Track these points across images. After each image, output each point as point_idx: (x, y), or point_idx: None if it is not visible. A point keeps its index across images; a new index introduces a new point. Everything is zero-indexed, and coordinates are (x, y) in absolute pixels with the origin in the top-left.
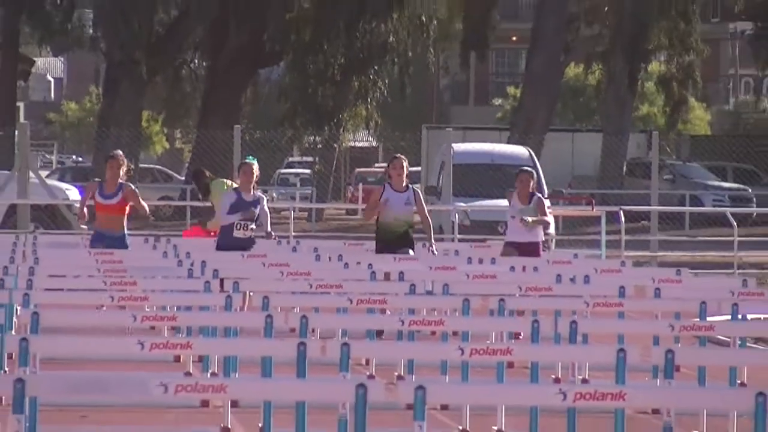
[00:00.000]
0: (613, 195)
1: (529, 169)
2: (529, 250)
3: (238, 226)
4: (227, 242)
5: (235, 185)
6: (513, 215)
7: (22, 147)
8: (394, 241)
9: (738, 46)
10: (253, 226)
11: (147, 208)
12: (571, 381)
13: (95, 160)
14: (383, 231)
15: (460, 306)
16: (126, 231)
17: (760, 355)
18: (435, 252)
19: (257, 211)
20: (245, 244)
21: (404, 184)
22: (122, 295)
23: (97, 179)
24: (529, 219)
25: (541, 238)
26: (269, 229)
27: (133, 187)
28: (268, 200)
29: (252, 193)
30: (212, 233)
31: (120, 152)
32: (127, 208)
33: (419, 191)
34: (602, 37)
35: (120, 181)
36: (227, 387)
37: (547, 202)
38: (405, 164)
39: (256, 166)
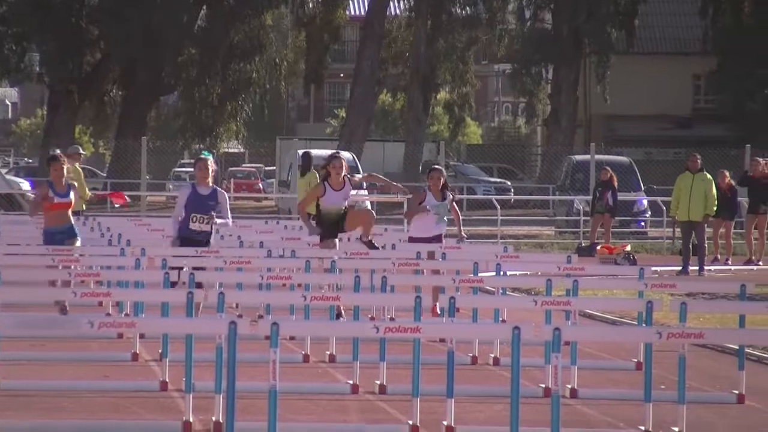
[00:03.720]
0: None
1: (440, 167)
2: (436, 239)
3: (194, 219)
4: (185, 234)
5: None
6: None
7: None
8: (332, 225)
9: (500, 80)
10: (211, 219)
11: (87, 191)
12: (383, 319)
13: (41, 161)
14: (325, 217)
15: (303, 266)
16: (72, 222)
17: (516, 300)
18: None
19: (216, 206)
20: (202, 237)
21: (341, 181)
22: (61, 257)
23: (46, 180)
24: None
25: (444, 231)
26: (228, 216)
27: (76, 184)
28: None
29: (208, 187)
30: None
31: (59, 152)
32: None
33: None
34: (404, 74)
35: (66, 180)
36: (136, 324)
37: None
38: (345, 164)
39: (211, 161)
